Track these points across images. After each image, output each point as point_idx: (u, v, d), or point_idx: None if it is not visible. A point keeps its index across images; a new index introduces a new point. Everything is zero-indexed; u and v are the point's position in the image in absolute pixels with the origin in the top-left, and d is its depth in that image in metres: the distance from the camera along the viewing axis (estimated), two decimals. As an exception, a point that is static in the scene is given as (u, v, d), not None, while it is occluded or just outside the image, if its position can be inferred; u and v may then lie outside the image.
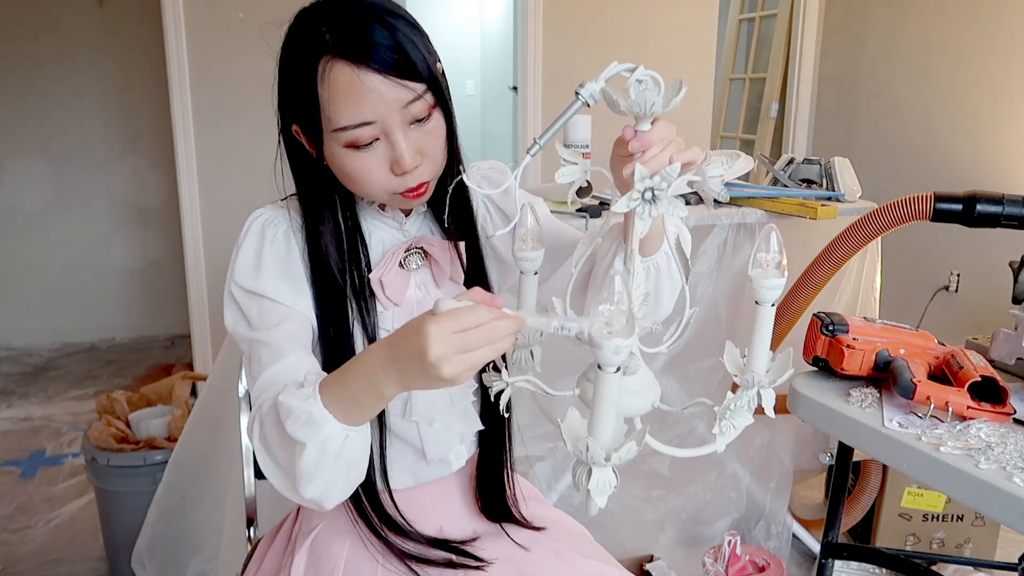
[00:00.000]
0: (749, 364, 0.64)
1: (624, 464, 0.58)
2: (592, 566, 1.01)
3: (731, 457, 1.99)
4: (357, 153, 0.83)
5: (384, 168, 0.84)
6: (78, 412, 3.10)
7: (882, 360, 1.23)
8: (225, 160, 2.85)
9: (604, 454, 0.57)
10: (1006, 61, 2.77)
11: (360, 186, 0.86)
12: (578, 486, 0.60)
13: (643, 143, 0.72)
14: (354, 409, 0.74)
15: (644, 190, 0.64)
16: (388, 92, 0.80)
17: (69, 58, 3.69)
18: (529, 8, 3.04)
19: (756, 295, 0.63)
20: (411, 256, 0.95)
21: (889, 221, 1.49)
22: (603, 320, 0.56)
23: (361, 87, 0.79)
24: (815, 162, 1.96)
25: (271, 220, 0.92)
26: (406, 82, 0.80)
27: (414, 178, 0.85)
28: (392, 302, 0.92)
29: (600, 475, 0.58)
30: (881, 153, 3.30)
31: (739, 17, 4.45)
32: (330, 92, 0.80)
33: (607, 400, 0.57)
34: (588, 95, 0.70)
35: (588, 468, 0.59)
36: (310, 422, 0.73)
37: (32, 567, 2.09)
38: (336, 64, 0.79)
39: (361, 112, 0.80)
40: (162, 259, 3.90)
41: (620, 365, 0.56)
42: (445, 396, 0.97)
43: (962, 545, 2.01)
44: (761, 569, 1.82)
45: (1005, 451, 1.02)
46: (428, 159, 0.85)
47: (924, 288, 3.09)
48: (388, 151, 0.83)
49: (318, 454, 0.74)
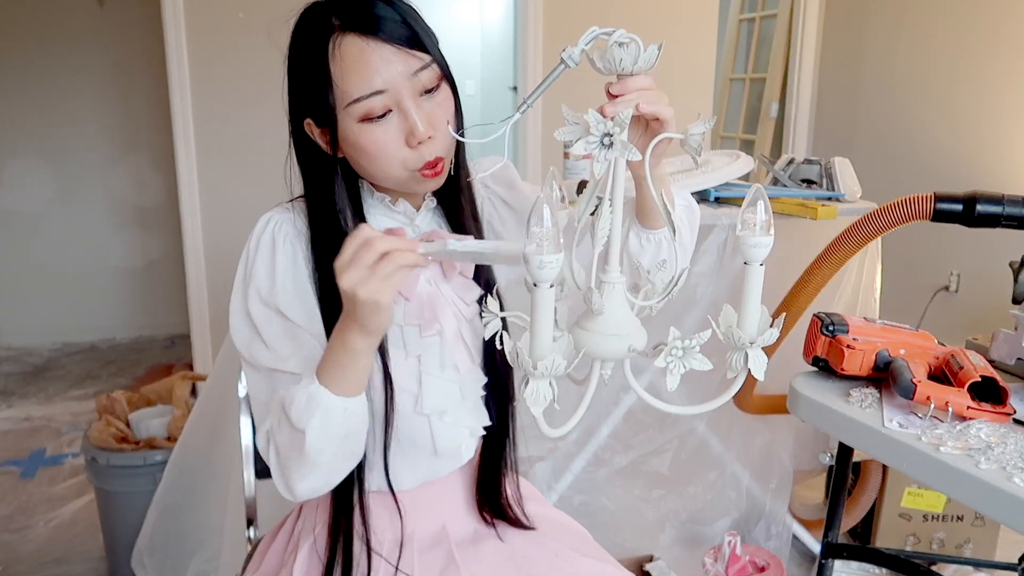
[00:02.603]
0: (740, 323, 0.65)
1: (559, 375, 0.64)
2: (591, 565, 1.01)
3: (731, 457, 1.99)
4: (372, 127, 0.84)
5: (400, 141, 0.85)
6: (78, 412, 3.10)
7: (882, 360, 1.23)
8: (225, 160, 2.86)
9: (536, 365, 0.63)
10: (1006, 61, 2.77)
11: (377, 163, 0.87)
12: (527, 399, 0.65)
13: (623, 88, 0.76)
14: (338, 374, 0.81)
15: (601, 136, 0.66)
16: (397, 60, 0.83)
17: (70, 59, 3.69)
18: (529, 8, 3.05)
19: (745, 255, 0.65)
20: None
21: (889, 221, 1.49)
22: (536, 241, 0.61)
23: (371, 56, 0.82)
24: (815, 162, 1.96)
25: (280, 226, 0.92)
26: (414, 51, 0.84)
27: (430, 151, 0.86)
28: (402, 296, 0.93)
29: (535, 385, 0.64)
30: (881, 153, 3.31)
31: (739, 17, 4.45)
32: (341, 66, 0.82)
33: (541, 314, 0.63)
34: (568, 57, 0.76)
35: (526, 378, 0.64)
36: (310, 402, 0.80)
37: (32, 567, 2.10)
38: (346, 38, 0.82)
39: (371, 81, 0.82)
40: (162, 259, 3.90)
41: (552, 281, 0.62)
42: (456, 390, 0.98)
43: (962, 545, 2.01)
44: (761, 569, 1.82)
45: (1005, 451, 1.02)
46: (440, 131, 0.87)
47: (924, 288, 3.09)
48: (402, 123, 0.85)
49: (321, 427, 0.80)
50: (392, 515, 0.98)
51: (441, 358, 0.96)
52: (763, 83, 4.11)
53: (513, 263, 0.82)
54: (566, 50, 0.75)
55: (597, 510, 1.94)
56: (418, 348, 0.95)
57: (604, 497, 1.96)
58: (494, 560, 0.98)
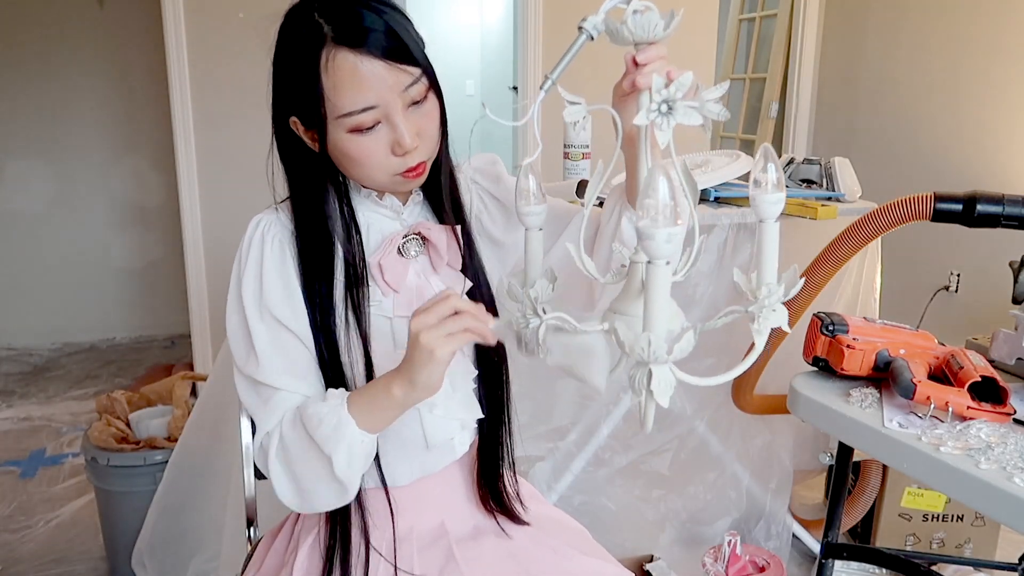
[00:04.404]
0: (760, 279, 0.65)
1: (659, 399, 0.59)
2: (592, 563, 1.01)
3: (731, 457, 1.99)
4: (360, 137, 0.86)
5: (386, 150, 0.88)
6: (78, 412, 3.10)
7: (882, 360, 1.23)
8: (225, 160, 2.85)
9: (666, 348, 0.58)
10: (1006, 61, 2.77)
11: (363, 169, 0.89)
12: (639, 391, 0.61)
13: (648, 56, 0.76)
14: (367, 407, 0.84)
15: (660, 102, 0.65)
16: (389, 77, 0.84)
17: (70, 59, 3.69)
18: (529, 8, 3.05)
19: (758, 213, 0.65)
20: (409, 243, 0.97)
21: (889, 221, 1.49)
22: (651, 213, 0.57)
23: (363, 72, 0.83)
24: (815, 162, 1.96)
25: (269, 227, 0.94)
26: (404, 66, 0.84)
27: (413, 158, 0.88)
28: (391, 288, 0.94)
29: (661, 373, 0.59)
30: (881, 153, 3.31)
31: (739, 17, 4.45)
32: (334, 80, 0.83)
33: (660, 294, 0.58)
34: (591, 27, 0.74)
35: (648, 369, 0.59)
36: (339, 426, 0.83)
37: (32, 567, 2.10)
38: (339, 53, 0.82)
39: (364, 97, 0.83)
40: (162, 259, 3.90)
41: (669, 257, 0.58)
42: (446, 383, 0.98)
43: (962, 545, 2.01)
44: (761, 569, 1.82)
45: (1005, 451, 1.03)
46: (425, 140, 0.89)
47: (924, 288, 3.09)
48: (389, 133, 0.87)
49: (347, 458, 0.83)
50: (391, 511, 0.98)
51: None
52: (763, 83, 4.11)
53: (583, 362, 0.77)
54: (587, 20, 0.74)
55: (597, 510, 1.94)
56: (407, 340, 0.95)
57: (604, 497, 1.95)
58: (494, 557, 0.98)
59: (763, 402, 1.84)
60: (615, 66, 0.79)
